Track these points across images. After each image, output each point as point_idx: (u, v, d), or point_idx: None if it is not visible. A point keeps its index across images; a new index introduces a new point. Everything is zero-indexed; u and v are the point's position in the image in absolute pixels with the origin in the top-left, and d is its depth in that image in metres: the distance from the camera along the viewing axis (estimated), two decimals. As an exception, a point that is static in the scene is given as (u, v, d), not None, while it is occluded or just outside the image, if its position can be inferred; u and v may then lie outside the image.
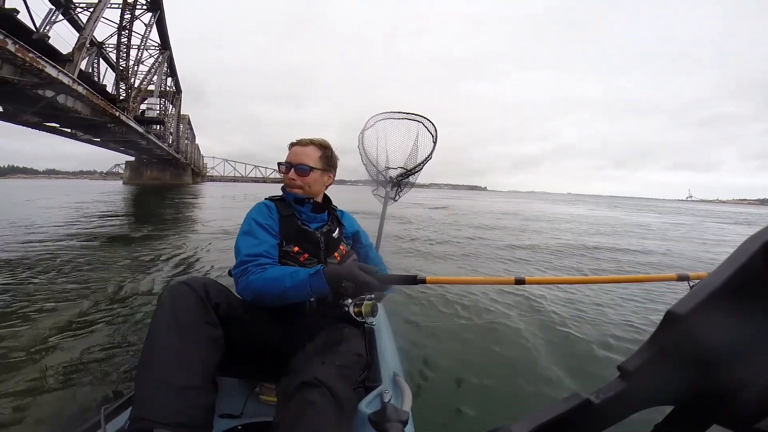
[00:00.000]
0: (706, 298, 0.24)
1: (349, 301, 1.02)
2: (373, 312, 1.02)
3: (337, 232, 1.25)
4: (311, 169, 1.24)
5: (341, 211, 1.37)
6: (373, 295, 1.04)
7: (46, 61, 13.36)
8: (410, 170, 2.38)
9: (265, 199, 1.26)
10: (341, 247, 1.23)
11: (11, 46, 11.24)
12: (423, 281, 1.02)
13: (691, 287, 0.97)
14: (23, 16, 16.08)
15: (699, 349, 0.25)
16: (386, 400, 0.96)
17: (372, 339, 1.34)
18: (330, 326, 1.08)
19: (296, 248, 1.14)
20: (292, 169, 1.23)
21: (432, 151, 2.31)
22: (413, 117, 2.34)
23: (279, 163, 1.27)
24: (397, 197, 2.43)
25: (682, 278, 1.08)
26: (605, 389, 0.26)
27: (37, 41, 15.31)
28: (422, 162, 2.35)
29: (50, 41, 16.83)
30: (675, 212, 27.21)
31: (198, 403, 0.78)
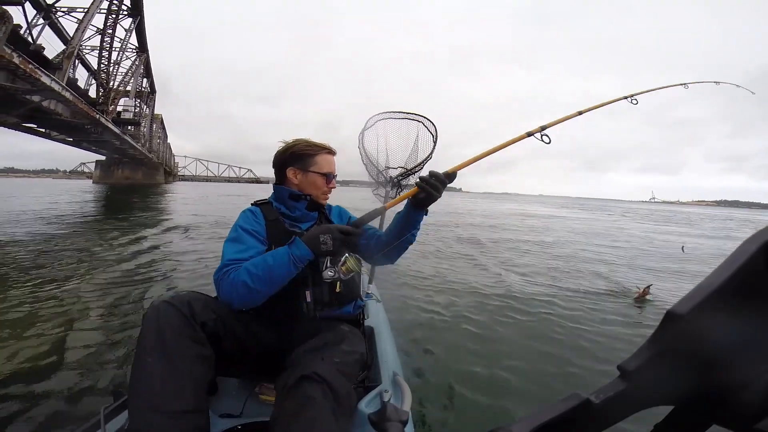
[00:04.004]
0: (706, 298, 0.24)
1: (331, 269, 1.02)
2: (359, 265, 1.04)
3: None
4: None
5: (329, 205, 1.35)
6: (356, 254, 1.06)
7: (42, 71, 14.31)
8: (410, 170, 2.37)
9: (251, 204, 1.24)
10: None
11: (16, 59, 12.58)
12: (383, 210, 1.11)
13: (635, 103, 1.32)
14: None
15: (699, 349, 0.25)
16: (386, 399, 0.96)
17: (372, 339, 1.33)
18: (329, 326, 1.07)
19: None
20: (333, 180, 1.27)
21: (432, 151, 2.30)
22: (413, 117, 2.34)
23: (326, 174, 1.23)
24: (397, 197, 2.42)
25: (627, 97, 1.38)
26: (605, 389, 0.26)
27: (34, 52, 16.09)
28: (422, 162, 2.35)
29: (34, 48, 17.35)
30: (604, 209, 32.42)
31: (191, 427, 0.77)
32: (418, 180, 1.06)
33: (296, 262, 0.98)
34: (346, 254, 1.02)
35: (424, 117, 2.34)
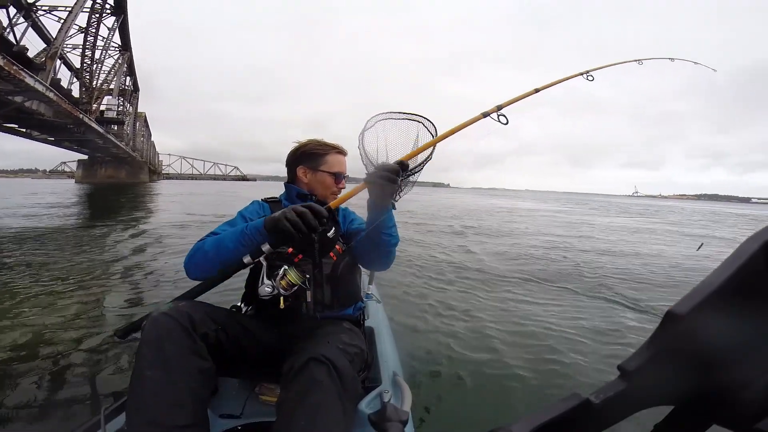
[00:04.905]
0: (706, 298, 0.24)
1: (268, 284, 0.94)
2: (303, 275, 0.95)
3: (332, 231, 1.20)
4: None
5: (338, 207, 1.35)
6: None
7: (27, 72, 14.34)
8: (410, 170, 2.37)
9: (261, 199, 1.26)
10: (337, 246, 1.19)
11: (0, 61, 12.58)
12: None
13: (591, 80, 1.24)
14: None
15: (699, 349, 0.25)
16: (386, 400, 0.96)
17: (372, 339, 1.33)
18: (331, 324, 1.07)
19: (290, 250, 1.10)
20: (343, 180, 1.26)
21: (432, 152, 2.31)
22: (413, 117, 2.34)
23: (335, 173, 1.24)
24: (397, 197, 2.43)
25: (583, 73, 1.30)
26: (605, 389, 0.26)
27: (17, 53, 15.94)
28: (422, 162, 2.35)
29: (18, 49, 17.22)
30: (579, 202, 34.49)
31: None
32: (366, 176, 0.98)
33: (247, 229, 0.97)
34: (285, 266, 0.95)
35: (424, 117, 2.34)
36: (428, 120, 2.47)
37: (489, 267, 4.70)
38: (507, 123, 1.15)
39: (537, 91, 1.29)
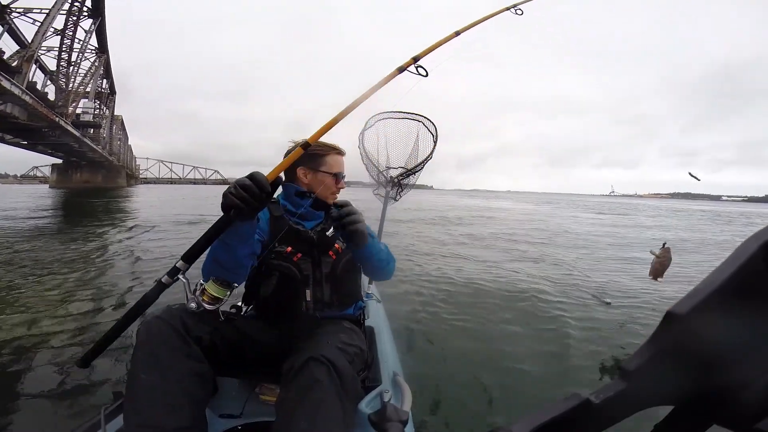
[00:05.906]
0: (706, 298, 0.24)
1: (193, 299, 0.91)
2: (226, 288, 0.91)
3: (331, 230, 1.19)
4: None
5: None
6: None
7: (3, 75, 14.23)
8: (411, 170, 2.37)
9: None
10: (336, 245, 1.19)
11: None
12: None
13: (520, 14, 1.23)
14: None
15: (699, 350, 0.25)
16: (386, 399, 0.97)
17: (372, 339, 1.33)
18: (331, 324, 1.07)
19: (289, 249, 1.11)
20: (342, 180, 1.27)
21: (432, 151, 2.31)
22: (413, 117, 2.34)
23: (336, 174, 1.24)
24: (398, 197, 2.43)
25: (511, 7, 1.26)
26: (605, 389, 0.26)
27: None
28: (423, 161, 2.35)
29: None
30: (546, 202, 36.47)
31: None
32: (335, 221, 1.02)
33: (213, 228, 0.91)
34: (203, 281, 0.93)
35: (424, 117, 2.34)
36: (428, 119, 2.45)
37: (486, 265, 4.70)
38: (427, 75, 1.07)
39: (458, 34, 1.20)
